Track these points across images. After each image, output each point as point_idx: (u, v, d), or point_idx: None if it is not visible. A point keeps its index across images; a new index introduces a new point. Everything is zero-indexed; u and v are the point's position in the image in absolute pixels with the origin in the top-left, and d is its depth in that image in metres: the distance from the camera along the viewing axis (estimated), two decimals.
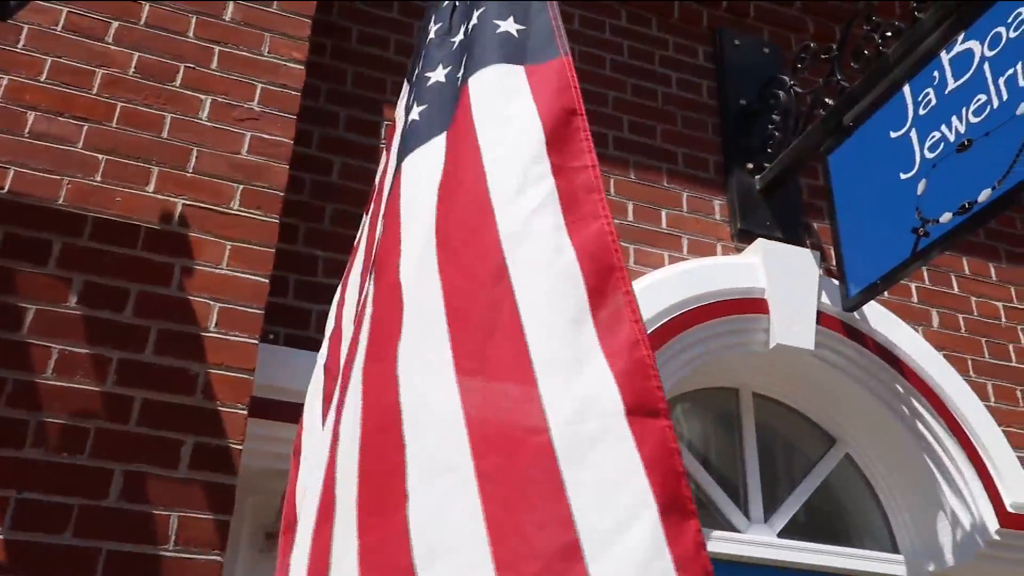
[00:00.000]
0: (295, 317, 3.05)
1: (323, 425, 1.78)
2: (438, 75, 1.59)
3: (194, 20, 2.98)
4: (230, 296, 2.65)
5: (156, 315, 2.56)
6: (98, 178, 2.68)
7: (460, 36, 1.67)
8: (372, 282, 1.61)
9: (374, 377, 1.36)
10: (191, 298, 2.62)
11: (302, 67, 3.06)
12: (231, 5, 3.05)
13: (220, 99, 2.90)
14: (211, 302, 2.63)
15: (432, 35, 1.84)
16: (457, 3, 1.86)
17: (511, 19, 1.49)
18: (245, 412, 2.55)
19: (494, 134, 1.37)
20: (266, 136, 2.90)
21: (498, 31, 1.48)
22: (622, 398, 1.11)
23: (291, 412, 2.75)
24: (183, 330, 2.57)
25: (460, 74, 1.56)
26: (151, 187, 2.72)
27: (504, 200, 1.29)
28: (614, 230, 1.26)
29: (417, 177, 1.55)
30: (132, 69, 2.85)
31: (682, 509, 1.05)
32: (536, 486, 1.08)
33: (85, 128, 2.73)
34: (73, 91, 2.77)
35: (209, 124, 2.86)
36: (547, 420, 1.11)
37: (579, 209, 1.27)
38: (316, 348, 2.80)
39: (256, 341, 2.64)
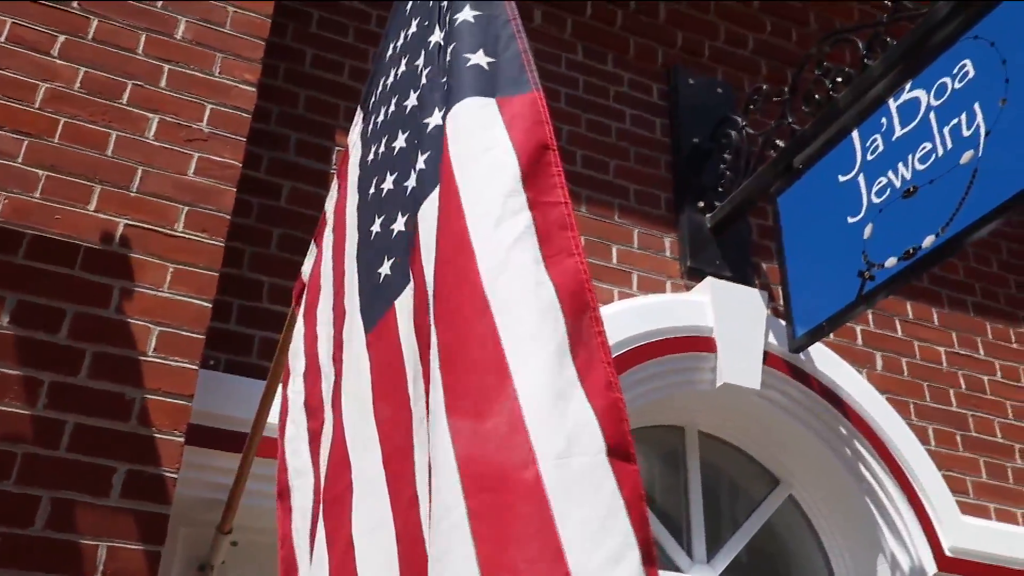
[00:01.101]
0: (238, 343, 3.02)
1: (312, 468, 1.77)
2: (435, 119, 1.57)
3: (144, 37, 2.96)
4: (171, 320, 2.62)
5: (92, 338, 2.52)
6: (37, 195, 2.64)
7: (433, 70, 1.67)
8: (361, 323, 1.60)
9: (390, 421, 1.38)
10: (130, 321, 2.58)
11: (254, 89, 3.05)
12: (183, 23, 3.04)
13: (168, 118, 2.88)
14: (151, 325, 2.59)
15: (403, 66, 1.84)
16: (414, 29, 1.86)
17: (481, 51, 1.50)
18: (182, 440, 2.51)
19: (471, 168, 1.38)
20: (214, 158, 2.88)
21: (468, 64, 1.49)
22: (604, 437, 1.12)
23: (231, 441, 2.72)
24: (120, 354, 2.53)
25: (439, 112, 1.57)
26: (93, 206, 2.68)
27: (483, 234, 1.30)
28: (587, 268, 1.28)
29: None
30: (78, 84, 2.82)
31: (651, 555, 1.06)
32: (526, 521, 1.09)
33: (26, 143, 2.69)
34: (14, 104, 2.73)
35: (156, 143, 2.83)
36: (535, 454, 1.12)
37: (554, 244, 1.29)
38: (259, 375, 2.79)
39: (196, 367, 2.60)
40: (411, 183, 1.61)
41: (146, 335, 2.58)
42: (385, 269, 1.59)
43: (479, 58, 1.51)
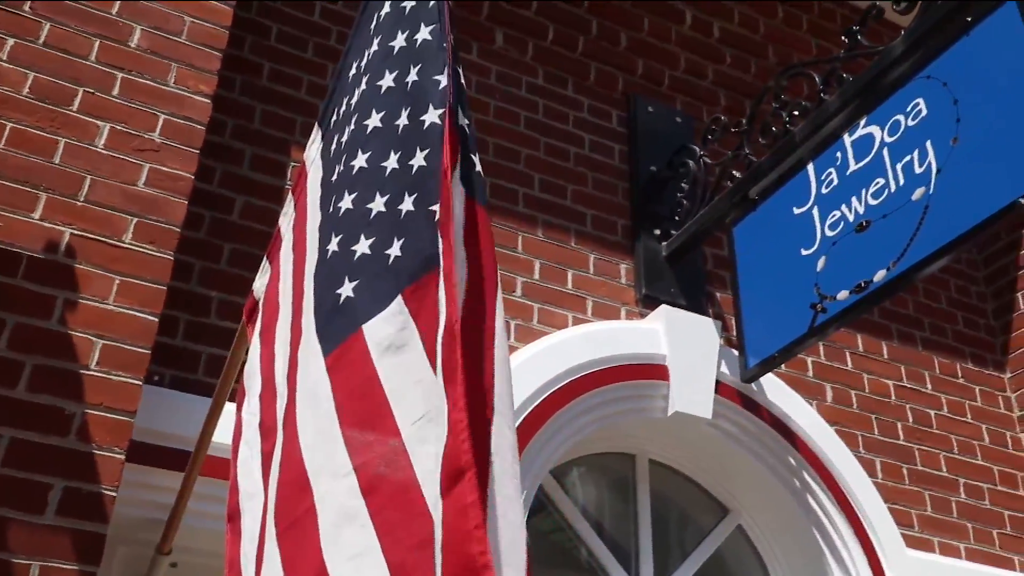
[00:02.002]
0: (184, 359, 2.98)
1: (263, 490, 1.76)
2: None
3: (97, 44, 2.93)
4: (115, 333, 2.58)
5: (33, 349, 2.47)
6: None
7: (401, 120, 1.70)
8: (318, 344, 1.60)
9: (368, 447, 1.42)
10: (72, 333, 2.53)
11: (208, 101, 3.03)
12: (138, 31, 3.01)
13: (119, 127, 2.85)
14: (94, 338, 2.55)
15: (364, 85, 1.85)
16: (375, 48, 1.87)
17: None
18: (122, 457, 2.47)
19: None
20: (165, 169, 2.85)
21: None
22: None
23: (173, 459, 2.68)
24: (61, 367, 2.48)
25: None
26: (37, 214, 2.64)
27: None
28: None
29: None
30: (26, 89, 2.78)
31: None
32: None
33: None
34: None
35: (105, 152, 2.80)
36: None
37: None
38: (205, 392, 2.75)
39: (140, 382, 2.56)
40: (377, 206, 1.61)
41: (89, 348, 2.53)
42: (346, 291, 1.58)
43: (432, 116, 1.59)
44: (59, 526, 2.32)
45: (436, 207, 1.51)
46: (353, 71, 1.98)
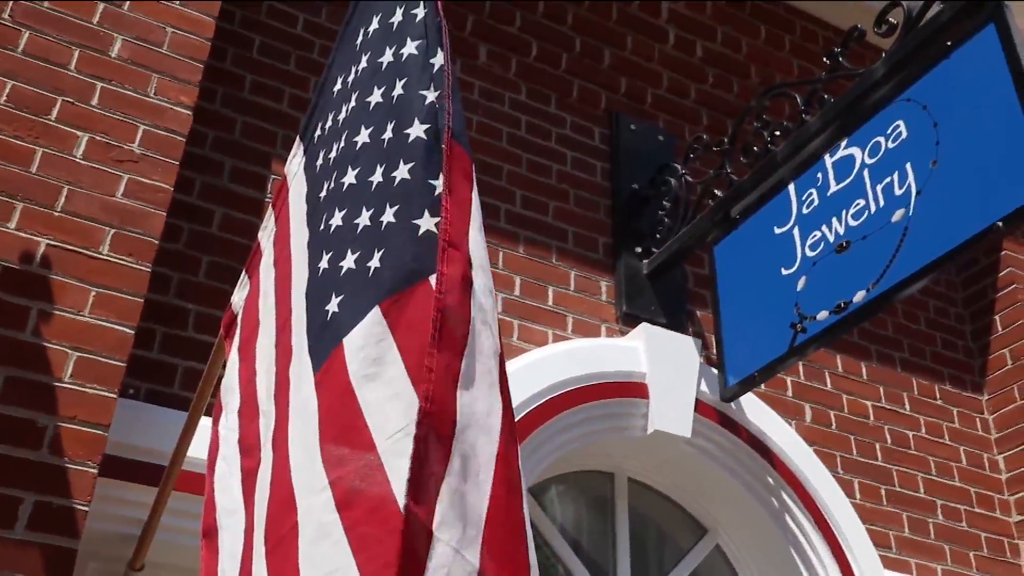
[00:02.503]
0: (160, 372, 2.96)
1: (244, 508, 1.74)
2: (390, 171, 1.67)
3: (77, 53, 2.92)
4: (90, 345, 2.56)
5: (6, 360, 2.45)
6: None
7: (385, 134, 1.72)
8: (310, 362, 1.61)
9: (341, 462, 1.43)
10: (47, 345, 2.51)
11: (189, 112, 3.02)
12: (119, 41, 3.00)
13: (99, 137, 2.83)
14: (69, 351, 2.53)
15: (354, 101, 1.86)
16: (363, 65, 1.88)
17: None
18: (95, 471, 2.44)
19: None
20: (144, 180, 2.84)
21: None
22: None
23: (147, 474, 2.66)
24: (34, 379, 2.46)
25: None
26: (13, 223, 2.62)
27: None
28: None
29: None
30: (4, 98, 2.76)
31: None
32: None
33: None
34: None
35: (84, 163, 2.78)
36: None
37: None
38: (181, 407, 2.73)
39: (114, 395, 2.54)
40: (363, 221, 1.61)
41: (63, 360, 2.51)
42: (332, 306, 1.58)
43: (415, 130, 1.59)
44: (29, 541, 2.30)
45: (420, 220, 1.51)
46: (339, 86, 1.98)
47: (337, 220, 1.70)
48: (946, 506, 4.17)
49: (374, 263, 1.54)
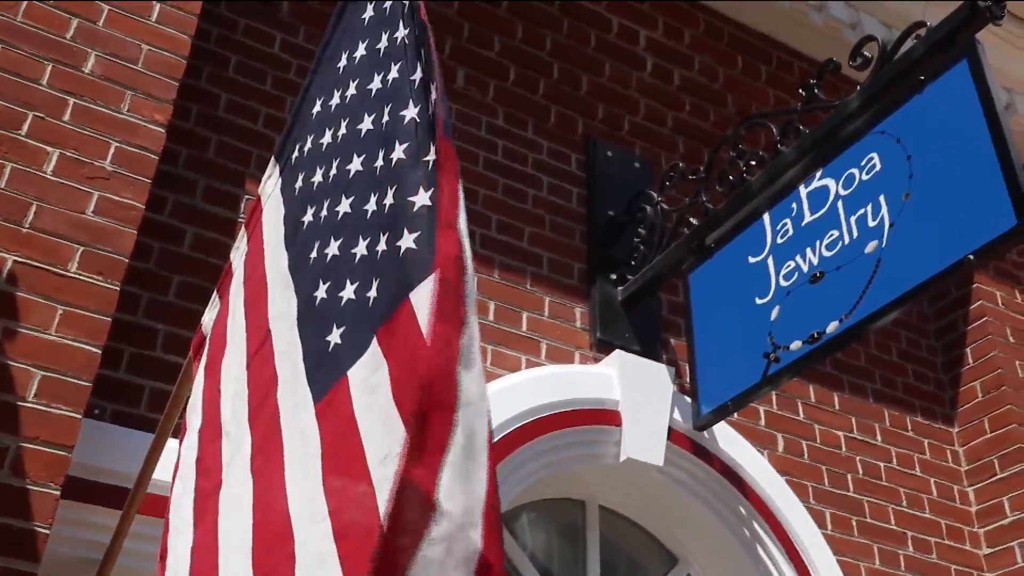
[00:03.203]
0: (126, 393, 2.93)
1: (193, 528, 1.73)
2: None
3: (50, 68, 2.91)
4: (56, 365, 2.53)
5: None
6: None
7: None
8: (309, 392, 1.62)
9: (341, 493, 1.45)
10: (10, 363, 2.48)
11: (163, 130, 3.01)
12: (93, 57, 2.99)
13: (69, 154, 2.82)
14: (33, 369, 2.50)
15: (344, 129, 1.87)
16: (352, 91, 1.88)
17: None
18: (58, 493, 2.41)
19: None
20: (115, 198, 2.82)
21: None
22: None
23: (111, 496, 2.62)
24: None
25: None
26: None
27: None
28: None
29: None
30: None
31: None
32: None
33: None
34: None
35: (54, 179, 2.76)
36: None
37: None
38: (147, 428, 2.70)
39: (79, 416, 2.51)
40: (360, 250, 1.63)
41: (27, 379, 2.48)
42: (335, 337, 1.59)
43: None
44: None
45: (401, 241, 1.53)
46: (318, 108, 1.99)
47: (334, 249, 1.71)
48: (916, 538, 4.20)
49: (372, 293, 1.56)
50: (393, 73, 1.73)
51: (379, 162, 1.69)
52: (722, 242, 3.67)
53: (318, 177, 1.88)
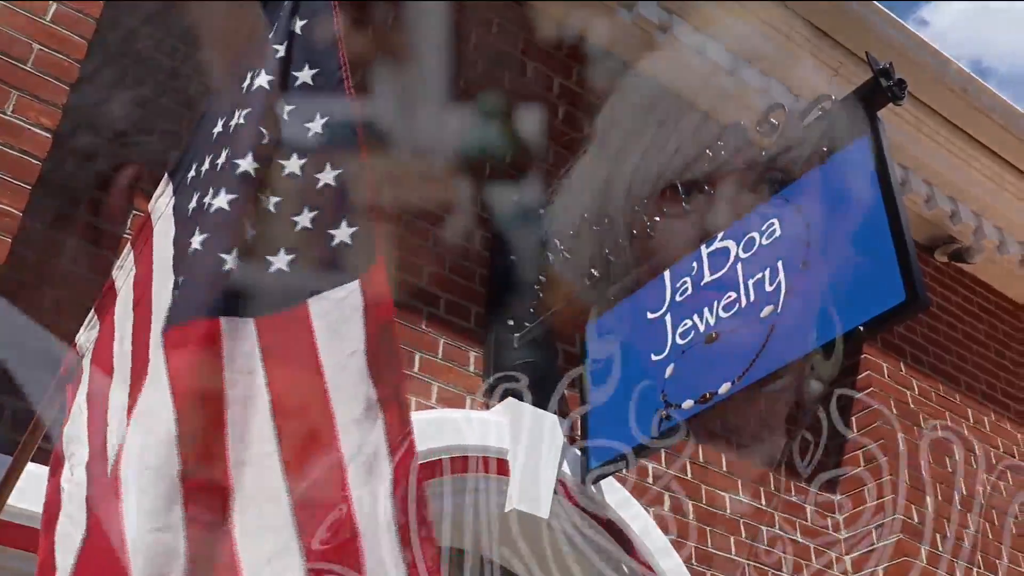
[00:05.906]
0: None
1: (80, 543, 1.70)
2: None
3: None
4: None
5: None
6: None
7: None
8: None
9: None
10: None
11: (49, 135, 2.92)
12: None
13: None
14: None
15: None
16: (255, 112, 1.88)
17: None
18: None
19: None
20: None
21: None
22: None
23: None
24: None
25: None
26: None
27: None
28: None
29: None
30: None
31: None
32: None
33: None
34: None
35: None
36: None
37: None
38: (5, 451, 2.58)
39: None
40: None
41: None
42: None
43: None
44: None
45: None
46: (219, 128, 1.97)
47: None
48: None
49: None
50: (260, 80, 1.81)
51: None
52: (622, 295, 3.74)
53: (210, 199, 1.86)
